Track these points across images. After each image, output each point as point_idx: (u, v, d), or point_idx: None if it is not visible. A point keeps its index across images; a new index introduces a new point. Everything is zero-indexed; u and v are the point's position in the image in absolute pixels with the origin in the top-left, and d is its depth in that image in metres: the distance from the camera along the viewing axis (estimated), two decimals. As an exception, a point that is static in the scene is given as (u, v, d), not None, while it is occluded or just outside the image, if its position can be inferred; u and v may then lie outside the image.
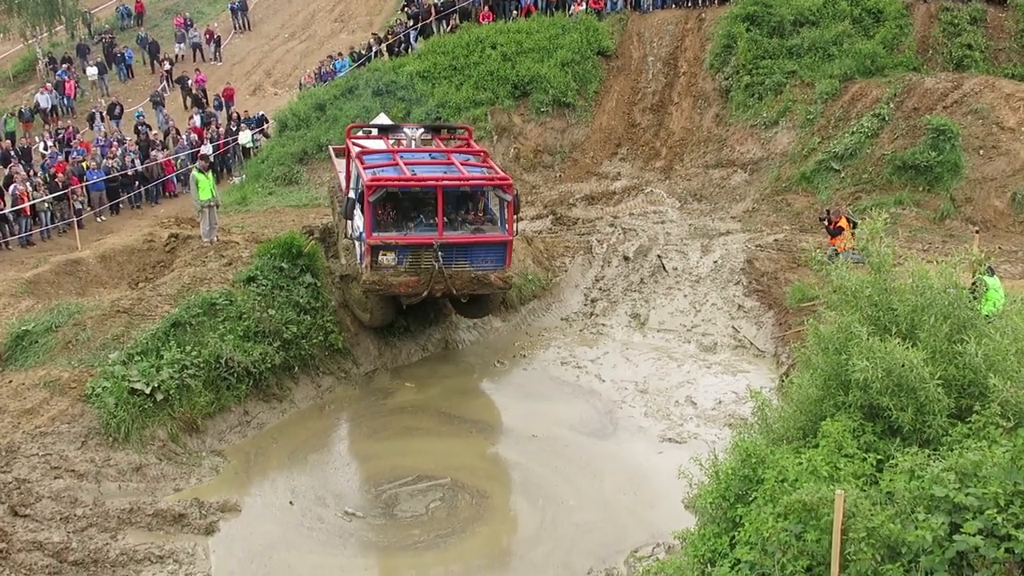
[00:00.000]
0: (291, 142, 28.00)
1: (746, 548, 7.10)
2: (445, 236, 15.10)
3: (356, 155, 16.17)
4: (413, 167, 15.70)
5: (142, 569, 11.06)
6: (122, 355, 14.07)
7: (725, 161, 25.02)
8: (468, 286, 15.55)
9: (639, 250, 20.60)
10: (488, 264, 15.49)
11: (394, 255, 15.04)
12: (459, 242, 15.27)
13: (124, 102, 33.50)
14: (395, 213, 15.44)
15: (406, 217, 15.53)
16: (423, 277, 15.16)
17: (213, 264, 17.04)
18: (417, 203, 15.61)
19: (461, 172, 15.67)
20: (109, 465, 12.65)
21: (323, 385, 16.06)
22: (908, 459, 6.70)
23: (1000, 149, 21.34)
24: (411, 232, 15.27)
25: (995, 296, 11.75)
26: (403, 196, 15.46)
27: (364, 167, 15.58)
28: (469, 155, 17.02)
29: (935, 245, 19.09)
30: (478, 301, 16.59)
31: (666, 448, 14.01)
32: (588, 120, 27.53)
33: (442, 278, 15.12)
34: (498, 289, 15.97)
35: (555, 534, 12.22)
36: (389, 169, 15.58)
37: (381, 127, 18.42)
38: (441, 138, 18.51)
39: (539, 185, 25.25)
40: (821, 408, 8.43)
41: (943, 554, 5.80)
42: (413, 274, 15.16)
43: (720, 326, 17.98)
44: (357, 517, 12.46)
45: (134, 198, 26.39)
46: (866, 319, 8.49)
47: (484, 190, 15.91)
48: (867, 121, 22.87)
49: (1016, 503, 5.75)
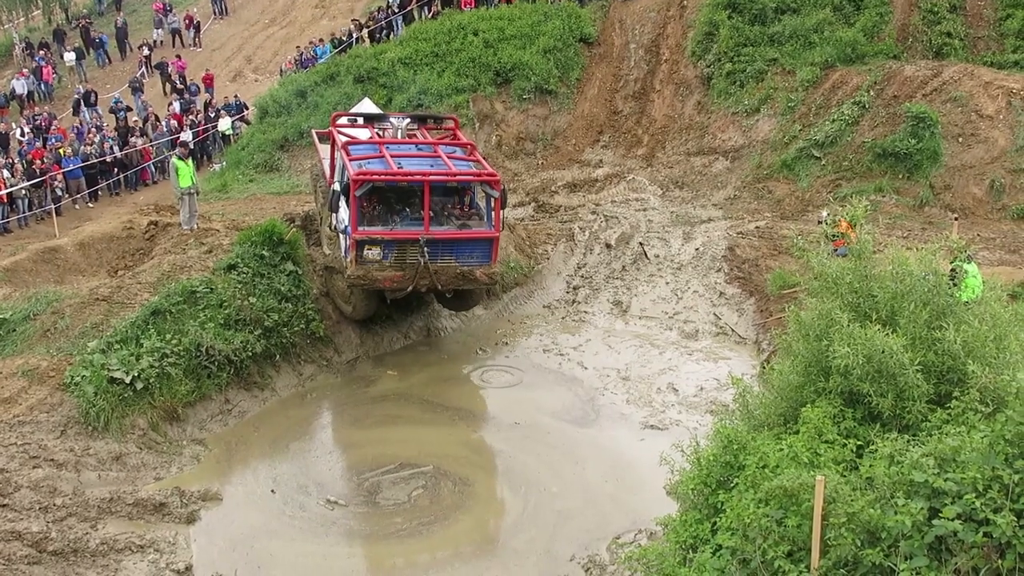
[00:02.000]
0: (272, 129, 27.80)
1: (727, 534, 7.14)
2: (431, 231, 15.00)
3: (342, 145, 15.95)
4: (399, 160, 15.57)
5: (123, 559, 11.00)
6: (101, 343, 13.96)
7: (707, 149, 25.04)
8: (453, 281, 15.52)
9: (621, 238, 20.61)
10: (474, 259, 15.43)
11: (379, 250, 14.90)
12: (445, 238, 15.18)
13: (102, 88, 33.15)
14: (381, 207, 15.31)
15: (392, 211, 15.39)
16: (408, 272, 15.08)
17: (193, 252, 16.93)
18: (403, 197, 15.48)
19: (448, 166, 15.51)
20: (89, 454, 12.57)
21: (305, 373, 16.01)
22: (888, 445, 6.75)
23: (979, 137, 21.47)
24: (397, 227, 15.12)
25: (973, 283, 11.83)
26: (389, 190, 15.30)
27: (350, 159, 15.40)
28: (456, 147, 16.91)
29: (914, 232, 19.20)
30: (462, 295, 16.56)
31: (648, 435, 14.05)
32: (570, 107, 27.48)
33: (427, 273, 15.07)
34: (483, 284, 15.95)
35: (537, 521, 12.24)
36: (375, 162, 15.42)
37: (367, 116, 18.15)
38: (427, 128, 18.30)
39: (521, 172, 25.21)
40: (802, 394, 8.48)
41: (922, 539, 5.85)
42: (398, 269, 15.08)
43: (702, 313, 18.03)
44: (339, 505, 12.45)
45: (113, 185, 26.15)
46: (847, 306, 8.53)
47: (471, 184, 15.82)
48: (847, 109, 22.94)
49: (994, 488, 5.80)
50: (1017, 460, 5.78)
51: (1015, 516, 5.58)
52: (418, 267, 14.98)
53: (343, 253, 15.64)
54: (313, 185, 20.10)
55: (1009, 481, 5.71)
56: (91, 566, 10.82)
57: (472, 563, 11.38)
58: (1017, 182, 20.50)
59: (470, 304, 17.25)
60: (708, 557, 7.35)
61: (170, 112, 29.90)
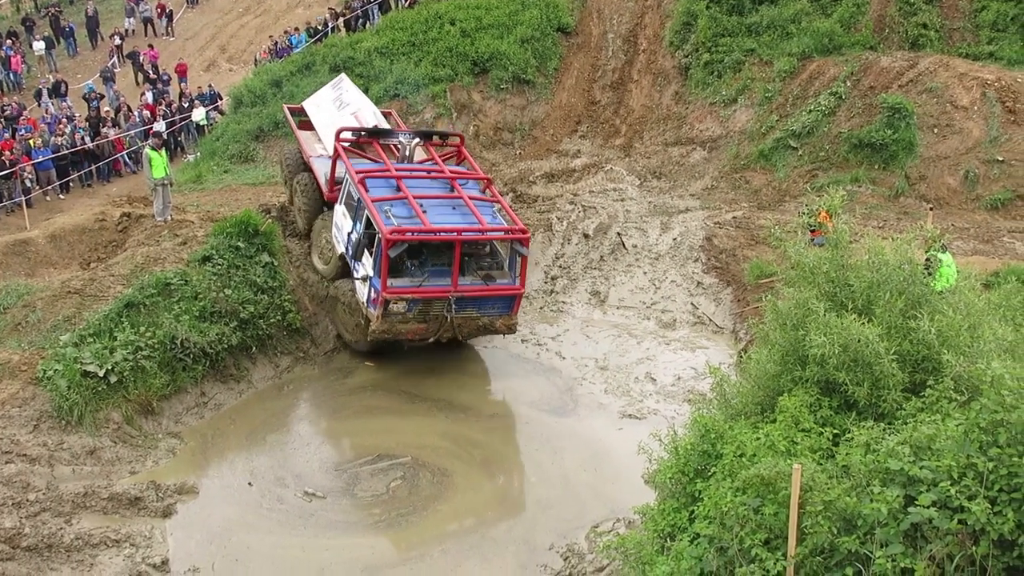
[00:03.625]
0: (247, 119, 27.54)
1: (705, 522, 7.16)
2: (460, 288, 14.75)
3: (359, 180, 15.28)
4: (424, 203, 14.95)
5: (98, 553, 10.90)
6: (74, 337, 13.82)
7: (684, 139, 25.09)
8: (474, 332, 15.47)
9: (599, 228, 20.62)
10: (495, 311, 15.36)
11: (405, 303, 14.56)
12: (473, 295, 14.96)
13: (73, 78, 32.69)
14: (408, 260, 14.85)
15: (418, 262, 14.97)
16: (432, 325, 14.94)
17: (167, 243, 16.76)
18: (432, 250, 15.06)
19: (478, 217, 14.98)
20: (62, 449, 12.44)
21: (281, 365, 15.92)
22: (864, 433, 6.78)
23: (953, 128, 21.62)
24: (425, 282, 14.70)
25: (948, 272, 11.92)
26: (419, 244, 14.85)
27: (372, 201, 14.73)
28: (469, 179, 16.50)
29: (890, 222, 19.33)
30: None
31: (626, 424, 14.09)
32: (548, 97, 27.43)
33: (451, 326, 14.97)
34: (502, 333, 15.83)
35: (516, 510, 12.26)
36: (399, 205, 14.90)
37: (373, 132, 17.43)
38: (432, 144, 17.87)
39: (499, 163, 25.14)
40: (779, 383, 8.51)
41: (898, 526, 5.88)
42: (422, 321, 14.86)
43: (679, 303, 18.08)
44: (317, 497, 12.40)
45: (85, 176, 25.81)
46: (823, 295, 8.56)
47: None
48: (824, 99, 23.04)
49: (969, 475, 5.84)
50: (991, 448, 5.82)
51: (989, 503, 5.62)
52: (443, 321, 14.85)
53: (365, 302, 15.03)
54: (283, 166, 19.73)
55: (983, 469, 5.75)
56: (66, 561, 10.73)
57: (451, 553, 11.38)
58: (991, 172, 20.69)
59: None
60: (686, 545, 7.37)
61: (143, 102, 29.53)
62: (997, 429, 5.90)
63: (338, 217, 16.32)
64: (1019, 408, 5.75)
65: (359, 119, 18.21)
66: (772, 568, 6.35)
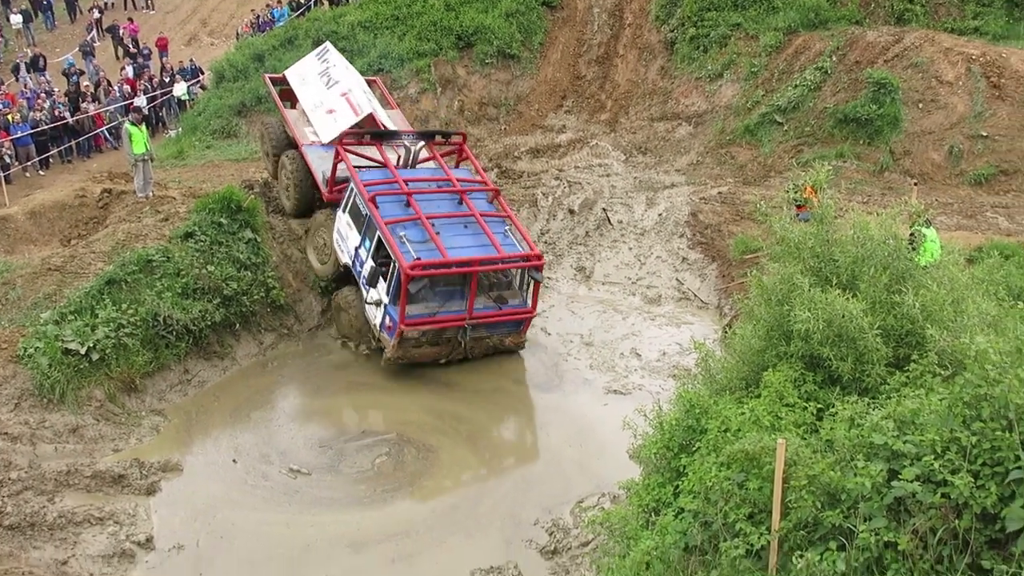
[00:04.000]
0: (229, 94, 27.24)
1: (689, 497, 7.17)
2: (475, 315, 14.73)
3: (369, 198, 14.93)
4: (436, 224, 14.74)
5: (81, 531, 10.87)
6: (55, 314, 13.71)
7: (670, 114, 24.99)
8: (484, 352, 15.36)
9: (584, 203, 20.56)
10: (505, 331, 15.36)
11: (420, 331, 14.54)
12: (487, 321, 14.96)
13: (51, 52, 32.27)
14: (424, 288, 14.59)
15: (434, 289, 14.75)
16: (445, 348, 14.94)
17: (149, 220, 16.61)
18: (448, 278, 14.82)
19: (493, 242, 14.81)
20: (44, 427, 12.36)
21: (265, 342, 15.86)
22: (848, 408, 6.78)
23: (939, 103, 21.60)
24: (441, 310, 14.62)
25: (932, 247, 11.93)
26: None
27: (386, 224, 14.42)
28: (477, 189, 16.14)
29: (874, 197, 19.34)
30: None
31: (611, 400, 14.11)
32: (533, 72, 27.25)
33: (463, 348, 14.97)
34: (511, 348, 15.70)
35: (501, 486, 12.28)
36: (412, 229, 14.62)
37: (376, 134, 16.83)
38: (434, 143, 17.35)
39: (484, 138, 25.00)
40: (763, 358, 8.51)
41: (881, 500, 5.90)
42: (435, 344, 14.86)
43: (664, 278, 18.08)
44: (302, 474, 12.38)
45: (65, 152, 25.52)
46: (808, 270, 8.55)
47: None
48: (810, 74, 22.96)
49: (952, 450, 5.85)
50: (975, 422, 5.83)
51: (972, 477, 5.64)
52: (455, 344, 14.87)
53: (378, 326, 14.83)
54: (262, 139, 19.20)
55: (967, 443, 5.76)
56: (49, 539, 10.68)
57: (436, 529, 11.39)
58: (975, 148, 20.70)
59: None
60: (670, 520, 7.39)
61: (123, 77, 29.18)
62: (980, 403, 5.90)
63: (342, 225, 15.90)
64: (1002, 382, 5.75)
65: (351, 102, 17.58)
66: (756, 542, 6.37)
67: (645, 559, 7.20)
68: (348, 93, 17.83)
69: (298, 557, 10.83)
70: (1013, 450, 5.60)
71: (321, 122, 17.56)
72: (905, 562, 5.72)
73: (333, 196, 16.51)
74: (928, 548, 5.70)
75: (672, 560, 7.04)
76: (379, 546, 11.09)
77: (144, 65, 30.48)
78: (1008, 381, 5.73)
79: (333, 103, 17.60)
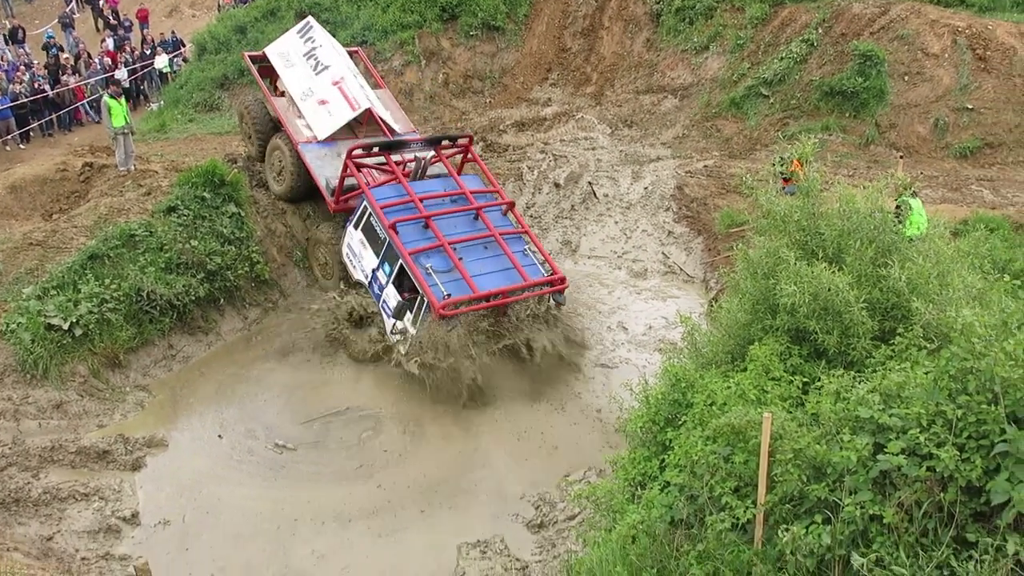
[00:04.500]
0: (211, 66, 26.91)
1: (675, 471, 7.18)
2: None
3: (389, 225, 14.35)
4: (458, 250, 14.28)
5: (66, 507, 10.84)
6: (37, 289, 13.59)
7: (655, 87, 24.86)
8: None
9: (570, 177, 20.48)
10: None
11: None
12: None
13: (30, 23, 31.76)
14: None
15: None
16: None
17: (131, 194, 16.44)
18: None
19: (518, 269, 14.42)
20: (28, 403, 12.30)
21: (250, 316, 15.78)
22: (834, 381, 6.79)
23: (924, 75, 21.57)
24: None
25: (919, 220, 11.95)
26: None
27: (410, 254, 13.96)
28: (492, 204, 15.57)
29: (860, 170, 19.34)
30: None
31: (597, 373, 14.11)
32: (518, 44, 27.03)
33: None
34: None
35: (488, 460, 12.30)
36: (436, 257, 14.13)
37: (384, 144, 15.93)
38: (441, 147, 16.45)
39: (469, 111, 24.83)
40: (749, 332, 8.53)
41: (867, 474, 5.91)
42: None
43: (650, 252, 18.07)
44: (288, 449, 12.37)
45: (45, 125, 25.19)
46: (794, 244, 8.55)
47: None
48: (796, 47, 22.87)
49: (938, 423, 5.85)
50: (960, 395, 5.83)
51: (958, 450, 5.65)
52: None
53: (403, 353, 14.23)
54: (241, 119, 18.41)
55: (952, 416, 5.76)
56: (34, 516, 10.65)
57: (422, 503, 11.42)
58: (960, 120, 20.71)
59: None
60: (656, 494, 7.40)
61: (103, 49, 28.76)
62: (966, 377, 5.91)
63: (354, 242, 15.40)
64: (988, 355, 5.75)
65: (345, 93, 16.77)
66: (742, 516, 6.39)
67: (631, 533, 7.22)
68: (341, 82, 16.98)
69: (284, 532, 10.84)
70: (998, 423, 5.61)
71: (314, 114, 16.75)
72: (890, 535, 5.74)
73: (339, 207, 15.88)
74: (913, 521, 5.72)
75: (658, 534, 7.05)
76: (364, 522, 11.11)
77: (125, 37, 30.03)
78: (994, 354, 5.73)
79: (325, 92, 16.85)
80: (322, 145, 16.51)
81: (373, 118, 17.00)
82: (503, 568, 10.29)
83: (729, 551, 6.45)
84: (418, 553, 10.58)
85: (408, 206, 14.82)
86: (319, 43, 17.71)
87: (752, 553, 6.40)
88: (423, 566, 10.40)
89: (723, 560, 6.47)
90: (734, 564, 6.41)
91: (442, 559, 10.48)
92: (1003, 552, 5.34)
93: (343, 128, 16.65)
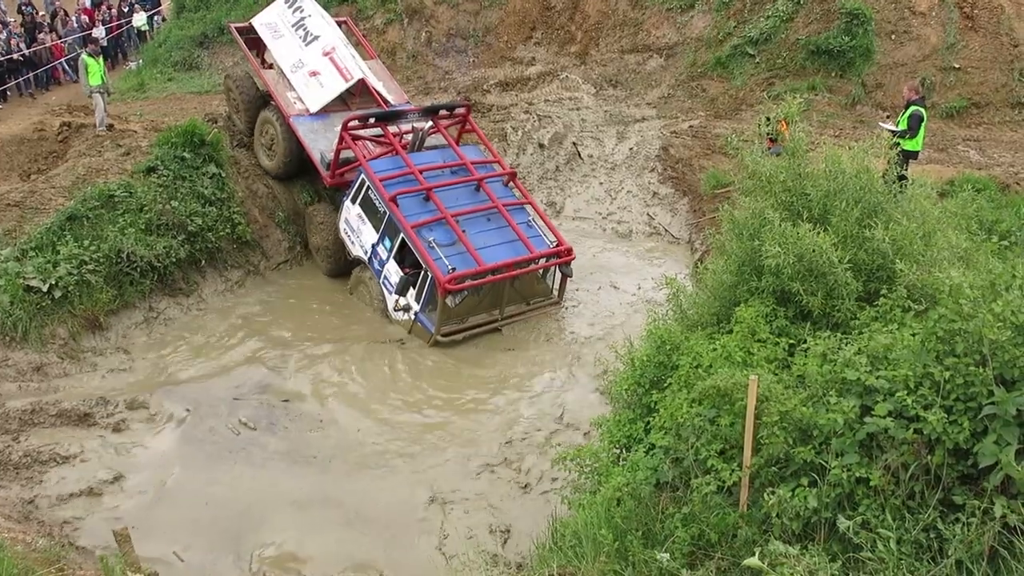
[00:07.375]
0: (190, 24, 26.51)
1: (661, 433, 7.15)
2: (506, 316, 14.43)
3: (389, 199, 14.18)
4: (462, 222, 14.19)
5: (47, 470, 10.74)
6: (15, 251, 13.42)
7: (640, 46, 24.60)
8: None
9: (554, 137, 20.31)
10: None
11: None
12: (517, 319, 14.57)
13: (5, -20, 31.09)
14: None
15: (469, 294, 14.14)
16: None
17: (110, 154, 16.18)
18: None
19: (524, 241, 14.33)
20: (7, 365, 12.18)
21: (232, 279, 15.65)
22: (821, 343, 6.76)
23: (911, 34, 21.44)
24: (474, 313, 14.21)
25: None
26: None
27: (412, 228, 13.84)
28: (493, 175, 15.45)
29: (846, 130, 19.27)
30: None
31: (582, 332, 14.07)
32: (502, 2, 26.63)
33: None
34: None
35: (470, 423, 12.25)
36: (439, 231, 14.02)
37: (381, 115, 15.65)
38: (438, 117, 16.22)
39: (452, 71, 24.54)
40: (735, 294, 8.48)
41: (854, 436, 5.89)
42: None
43: (635, 213, 17.98)
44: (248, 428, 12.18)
45: (23, 84, 24.76)
46: (779, 204, 8.48)
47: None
48: (782, 5, 22.64)
49: (925, 385, 5.83)
50: (948, 357, 5.81)
51: (945, 412, 5.64)
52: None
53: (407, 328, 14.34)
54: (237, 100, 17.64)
55: (940, 378, 5.74)
56: (15, 479, 10.56)
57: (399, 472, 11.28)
58: (947, 80, 20.63)
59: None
60: (641, 456, 7.39)
61: (80, 6, 28.23)
62: (954, 338, 5.88)
63: (352, 218, 15.17)
64: (976, 317, 5.72)
65: (336, 64, 16.44)
66: (728, 479, 6.37)
67: (616, 495, 7.20)
68: (332, 52, 16.64)
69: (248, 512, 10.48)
70: (986, 385, 5.59)
71: (305, 86, 16.40)
72: (877, 498, 5.74)
73: (335, 181, 15.66)
74: (900, 484, 5.72)
75: (643, 496, 7.04)
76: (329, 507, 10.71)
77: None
78: (982, 316, 5.70)
79: (316, 63, 16.48)
80: (314, 118, 16.20)
81: (366, 89, 16.70)
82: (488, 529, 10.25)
83: (714, 514, 6.45)
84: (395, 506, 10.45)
85: (408, 178, 14.63)
86: (308, 12, 17.32)
87: (737, 516, 6.40)
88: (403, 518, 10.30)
89: (708, 523, 6.46)
90: (719, 527, 6.41)
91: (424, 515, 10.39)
92: (990, 515, 5.35)
93: (335, 100, 16.35)
